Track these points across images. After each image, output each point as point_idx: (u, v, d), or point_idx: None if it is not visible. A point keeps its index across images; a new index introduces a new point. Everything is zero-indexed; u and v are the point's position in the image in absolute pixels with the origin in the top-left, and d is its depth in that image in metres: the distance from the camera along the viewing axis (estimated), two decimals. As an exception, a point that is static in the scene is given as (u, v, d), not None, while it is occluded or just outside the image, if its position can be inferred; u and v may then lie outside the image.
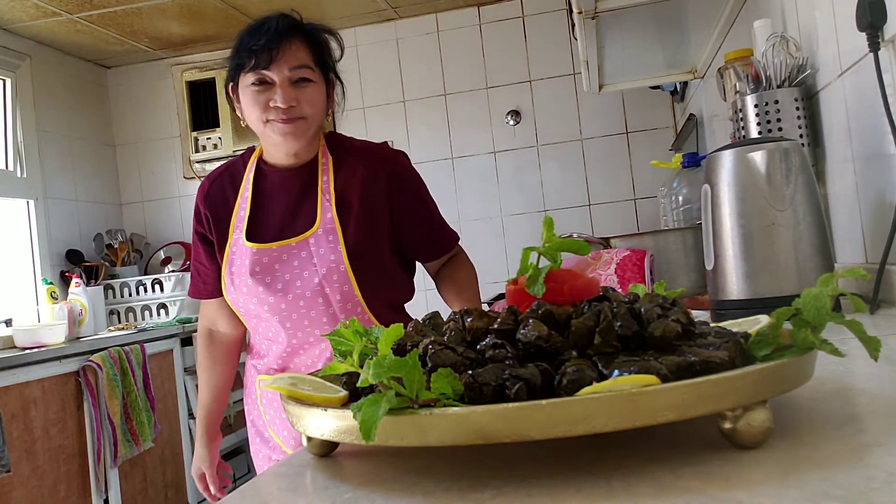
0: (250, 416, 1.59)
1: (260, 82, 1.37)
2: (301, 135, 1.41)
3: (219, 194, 1.51)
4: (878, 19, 1.06)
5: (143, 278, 3.86)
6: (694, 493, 0.40)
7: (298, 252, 1.41)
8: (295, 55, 1.38)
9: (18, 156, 3.59)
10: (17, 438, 2.48)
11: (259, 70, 1.37)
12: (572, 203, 3.92)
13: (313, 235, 1.41)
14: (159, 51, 4.15)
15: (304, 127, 1.41)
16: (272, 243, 1.42)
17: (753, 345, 0.54)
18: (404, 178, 1.50)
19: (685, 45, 2.54)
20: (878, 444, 0.45)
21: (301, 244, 1.41)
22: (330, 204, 1.43)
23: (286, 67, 1.37)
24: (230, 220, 1.47)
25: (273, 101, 1.37)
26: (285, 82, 1.37)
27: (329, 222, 1.41)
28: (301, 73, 1.38)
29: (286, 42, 1.37)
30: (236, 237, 1.45)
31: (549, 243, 0.62)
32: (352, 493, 0.49)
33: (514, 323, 0.55)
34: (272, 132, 1.39)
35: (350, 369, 0.57)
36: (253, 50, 1.36)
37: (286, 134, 1.39)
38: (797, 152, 1.02)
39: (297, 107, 1.38)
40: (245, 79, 1.39)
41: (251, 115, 1.41)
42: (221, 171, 1.55)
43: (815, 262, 1.00)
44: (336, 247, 1.39)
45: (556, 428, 0.44)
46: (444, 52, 4.04)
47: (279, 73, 1.36)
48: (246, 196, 1.47)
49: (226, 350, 1.62)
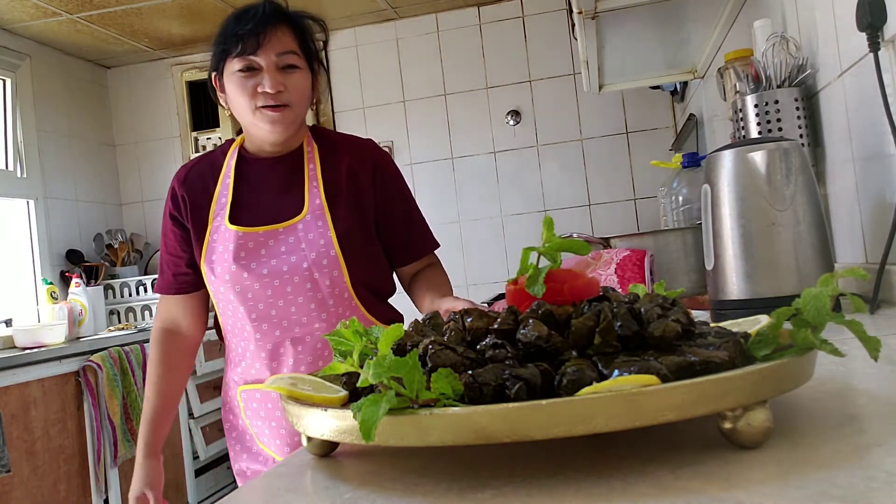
0: (233, 433, 1.50)
1: (247, 68, 1.36)
2: (289, 123, 1.39)
3: (197, 180, 1.47)
4: (878, 19, 1.06)
5: (142, 278, 3.86)
6: (694, 493, 0.40)
7: (286, 237, 1.38)
8: (281, 40, 1.37)
9: (18, 156, 3.59)
10: (17, 438, 2.48)
11: (246, 55, 1.35)
12: (572, 203, 3.92)
13: (301, 221, 1.39)
14: (159, 51, 4.15)
15: (291, 115, 1.39)
16: (258, 227, 1.38)
17: (753, 345, 0.54)
18: (387, 173, 1.49)
19: (685, 45, 2.54)
20: (878, 445, 0.45)
21: (289, 229, 1.38)
22: (318, 190, 1.42)
23: (273, 52, 1.35)
24: (209, 206, 1.43)
25: (261, 86, 1.35)
26: (272, 67, 1.36)
27: (318, 208, 1.40)
28: (288, 58, 1.37)
29: (272, 27, 1.36)
30: (218, 223, 1.41)
31: (549, 243, 0.62)
32: (352, 493, 0.49)
33: (514, 323, 0.55)
34: (260, 120, 1.37)
35: (350, 369, 0.57)
36: (239, 35, 1.35)
37: (275, 122, 1.37)
38: (797, 152, 1.02)
39: (285, 92, 1.37)
40: (231, 65, 1.37)
41: (238, 103, 1.39)
42: (200, 159, 1.52)
43: (815, 262, 1.00)
44: (326, 231, 1.38)
45: (557, 428, 0.44)
46: (444, 52, 4.04)
47: (266, 57, 1.35)
48: (227, 183, 1.44)
49: (184, 354, 1.52)
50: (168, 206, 1.49)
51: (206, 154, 1.53)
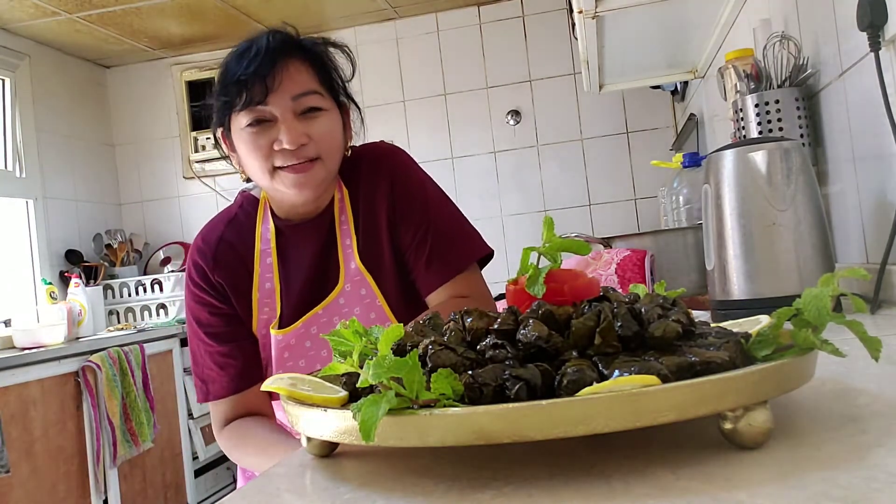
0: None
1: (257, 121, 1.09)
2: (319, 182, 1.12)
3: (232, 259, 1.18)
4: (879, 19, 1.06)
5: (142, 278, 3.86)
6: (694, 494, 0.40)
7: (329, 319, 1.14)
8: (296, 80, 1.10)
9: (17, 156, 3.59)
10: (17, 439, 2.48)
11: (253, 106, 1.08)
12: (572, 203, 3.92)
13: (341, 293, 1.15)
14: (159, 50, 4.15)
15: (322, 172, 1.12)
16: (297, 323, 1.14)
17: (754, 345, 0.54)
18: (401, 197, 1.20)
19: (685, 45, 2.54)
20: (879, 445, 0.45)
21: (329, 308, 1.14)
22: (352, 251, 1.16)
23: (288, 96, 1.09)
24: (251, 293, 1.16)
25: (277, 142, 1.08)
26: (289, 116, 1.09)
27: (356, 273, 1.15)
28: (307, 101, 1.10)
29: (282, 64, 1.09)
30: (263, 321, 1.16)
31: (549, 243, 0.62)
32: (351, 493, 0.49)
33: (514, 323, 0.55)
34: (281, 184, 1.11)
35: (350, 369, 0.57)
36: (242, 81, 1.07)
37: (300, 186, 1.10)
38: (798, 152, 1.02)
39: (309, 145, 1.10)
40: (237, 120, 1.11)
41: (253, 165, 1.11)
42: (221, 232, 1.21)
43: (816, 262, 1.00)
44: (373, 300, 1.14)
45: (557, 428, 0.44)
46: (444, 51, 4.04)
47: (280, 104, 1.08)
48: (269, 263, 1.17)
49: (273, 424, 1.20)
50: (200, 297, 1.18)
51: (225, 218, 1.23)
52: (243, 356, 1.18)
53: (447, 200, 1.25)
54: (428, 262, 1.17)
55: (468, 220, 1.26)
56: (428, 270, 1.17)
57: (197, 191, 4.23)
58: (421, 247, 1.18)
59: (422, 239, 1.18)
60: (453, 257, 1.19)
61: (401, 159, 1.25)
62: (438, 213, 1.21)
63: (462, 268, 1.19)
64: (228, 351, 1.18)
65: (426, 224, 1.18)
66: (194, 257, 1.20)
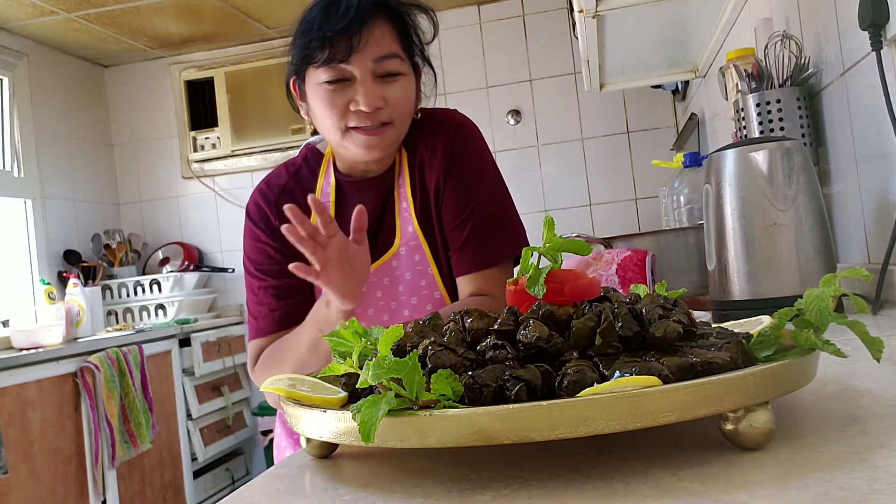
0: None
1: (337, 79, 1.09)
2: (389, 145, 1.14)
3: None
4: (881, 18, 1.06)
5: (141, 279, 3.85)
6: (695, 495, 0.40)
7: (380, 280, 1.14)
8: (381, 42, 1.09)
9: (15, 155, 3.58)
10: (15, 440, 2.48)
11: (336, 63, 1.07)
12: (573, 203, 3.92)
13: (395, 256, 1.15)
14: (157, 50, 4.14)
15: (393, 135, 1.13)
16: None
17: (755, 346, 0.54)
18: (454, 174, 1.17)
19: (686, 44, 2.54)
20: (880, 446, 0.45)
21: (382, 269, 1.14)
22: (410, 214, 1.16)
23: (370, 58, 1.08)
24: None
25: (354, 102, 1.09)
26: (368, 78, 1.08)
27: (412, 238, 1.15)
28: (388, 65, 1.10)
29: (369, 25, 1.08)
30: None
31: (549, 243, 0.62)
32: (351, 494, 0.49)
33: (514, 324, 0.55)
34: (352, 143, 1.12)
35: (349, 370, 0.56)
36: (328, 37, 1.06)
37: (371, 147, 1.11)
38: (799, 152, 1.01)
39: (384, 108, 1.10)
40: (315, 75, 1.10)
41: (325, 122, 1.12)
42: (287, 178, 1.22)
43: (818, 262, 1.00)
44: (426, 268, 1.14)
45: (557, 429, 0.44)
46: (444, 51, 4.04)
47: (362, 66, 1.08)
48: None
49: None
50: (260, 237, 1.18)
51: (292, 171, 1.24)
52: (293, 298, 1.18)
53: (502, 188, 1.22)
54: (463, 245, 1.15)
55: (519, 215, 1.22)
56: (461, 254, 1.15)
57: (196, 191, 4.23)
58: (461, 227, 1.16)
59: (464, 219, 1.16)
60: (489, 249, 1.15)
61: (465, 131, 1.23)
62: (488, 198, 1.18)
63: (494, 262, 1.16)
64: (281, 286, 1.17)
65: (472, 205, 1.16)
66: (257, 200, 1.21)
